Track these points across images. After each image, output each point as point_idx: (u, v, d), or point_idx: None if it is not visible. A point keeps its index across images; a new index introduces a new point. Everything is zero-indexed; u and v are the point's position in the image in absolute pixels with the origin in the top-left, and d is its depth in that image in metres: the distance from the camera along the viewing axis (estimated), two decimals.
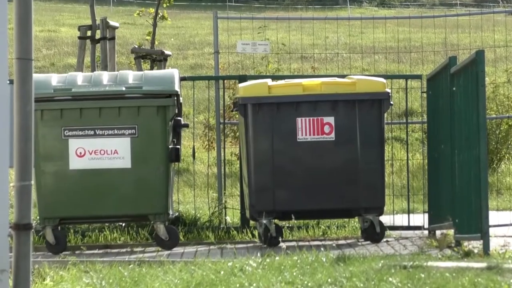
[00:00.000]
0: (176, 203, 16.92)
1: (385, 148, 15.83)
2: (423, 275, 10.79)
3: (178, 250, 14.45)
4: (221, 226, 16.41)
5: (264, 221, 14.84)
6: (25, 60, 7.73)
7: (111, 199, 14.56)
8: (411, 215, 16.91)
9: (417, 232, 16.12)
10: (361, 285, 10.14)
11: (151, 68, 18.74)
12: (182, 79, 16.31)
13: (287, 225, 15.60)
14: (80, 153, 14.52)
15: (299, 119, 15.00)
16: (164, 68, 18.49)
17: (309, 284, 10.25)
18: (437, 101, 16.45)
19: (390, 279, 10.50)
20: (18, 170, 7.66)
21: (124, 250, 14.83)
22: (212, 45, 19.89)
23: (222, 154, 18.15)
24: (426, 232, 16.02)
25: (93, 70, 18.61)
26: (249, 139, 15.19)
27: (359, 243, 14.81)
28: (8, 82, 7.53)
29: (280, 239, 14.83)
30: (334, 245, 14.49)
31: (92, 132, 14.54)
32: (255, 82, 15.83)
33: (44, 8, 48.84)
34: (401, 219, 16.75)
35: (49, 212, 14.45)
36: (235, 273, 10.97)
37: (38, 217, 14.34)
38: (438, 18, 26.16)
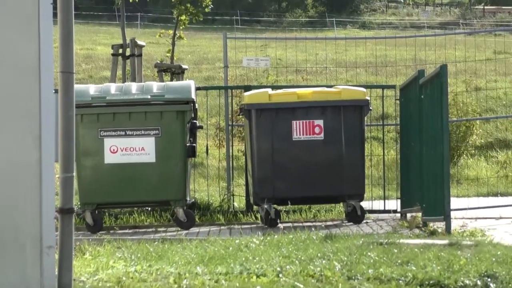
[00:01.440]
0: (193, 191, 16.91)
1: (365, 145, 15.82)
2: (396, 250, 10.78)
3: (194, 230, 14.44)
4: (230, 210, 16.39)
5: (265, 206, 14.84)
6: (67, 73, 7.74)
7: (139, 188, 14.56)
8: (386, 201, 16.91)
9: (391, 215, 16.11)
10: (345, 258, 10.13)
11: (171, 80, 18.71)
12: (197, 88, 16.31)
13: (284, 209, 15.59)
14: (113, 150, 14.53)
15: (294, 122, 15.00)
16: (182, 79, 18.46)
17: (302, 258, 10.24)
18: (408, 107, 16.46)
19: (369, 253, 10.49)
20: (62, 164, 7.67)
21: (149, 230, 14.82)
22: (222, 60, 19.86)
23: (230, 151, 18.15)
24: (398, 215, 16.01)
25: (123, 81, 18.60)
26: (253, 139, 15.20)
27: (344, 224, 14.80)
28: (54, 91, 7.53)
29: (278, 221, 14.85)
30: (323, 226, 14.49)
31: (123, 133, 14.54)
32: (257, 91, 15.83)
33: (83, 29, 48.78)
34: (378, 204, 16.74)
35: (88, 199, 14.45)
36: (241, 249, 10.97)
37: (79, 203, 14.33)
38: (409, 38, 26.12)
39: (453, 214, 13.43)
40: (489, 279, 9.32)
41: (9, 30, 7.41)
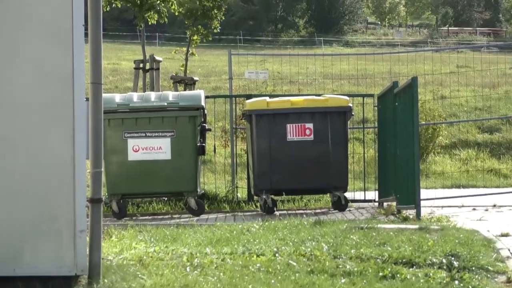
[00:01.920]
0: (202, 184, 16.89)
1: (348, 145, 15.78)
2: (374, 234, 10.77)
3: (203, 217, 14.42)
4: (234, 200, 16.36)
5: (264, 196, 14.81)
6: (97, 84, 7.73)
7: (157, 181, 14.54)
8: (366, 192, 16.88)
9: (370, 204, 16.08)
10: (331, 240, 10.12)
11: (185, 90, 18.71)
12: (206, 97, 16.27)
13: (280, 199, 15.56)
14: (136, 149, 14.51)
15: (288, 125, 14.97)
16: (194, 89, 18.46)
17: (295, 240, 10.23)
18: (384, 112, 16.44)
19: (352, 236, 10.48)
20: (92, 161, 7.67)
21: (166, 216, 14.80)
22: (227, 73, 19.84)
23: (234, 150, 18.13)
24: (376, 204, 15.98)
25: (144, 91, 18.59)
26: (253, 139, 15.17)
27: (330, 212, 14.77)
28: (85, 99, 7.53)
29: (275, 209, 14.82)
30: (312, 213, 14.47)
31: (144, 134, 14.52)
32: (257, 99, 15.80)
33: (110, 47, 48.75)
34: (359, 195, 16.70)
35: (114, 190, 14.43)
36: (243, 233, 10.96)
37: (106, 194, 14.31)
38: (385, 54, 26.13)
39: (422, 203, 13.41)
40: (452, 258, 9.32)
41: (49, 48, 7.40)
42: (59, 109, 7.37)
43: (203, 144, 14.78)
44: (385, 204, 15.20)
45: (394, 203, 14.34)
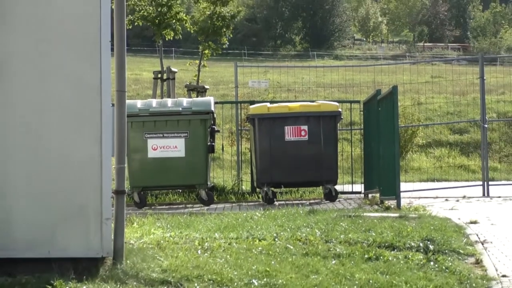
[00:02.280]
0: (212, 178, 16.86)
1: (338, 144, 15.78)
2: (360, 221, 10.75)
3: (213, 206, 14.41)
4: (239, 191, 16.35)
5: (265, 189, 14.79)
6: (121, 91, 7.71)
7: (173, 175, 14.52)
8: (353, 185, 16.87)
9: (357, 195, 16.07)
10: (323, 227, 10.10)
11: (197, 96, 18.70)
12: (216, 103, 16.26)
13: (279, 191, 15.55)
14: (154, 147, 14.49)
15: (286, 127, 14.95)
16: (205, 96, 18.44)
17: (292, 226, 10.21)
18: (369, 116, 16.41)
19: (341, 223, 10.46)
20: (116, 158, 7.65)
21: (180, 206, 14.79)
22: (234, 82, 19.83)
23: (240, 148, 18.18)
24: (362, 195, 15.96)
25: (162, 97, 18.58)
26: (256, 139, 15.16)
27: (322, 202, 14.75)
28: (111, 105, 7.51)
29: (274, 200, 14.79)
30: (307, 203, 14.44)
31: (161, 135, 14.51)
32: (259, 105, 15.78)
33: (132, 60, 48.82)
34: (347, 187, 16.70)
35: (136, 183, 14.41)
36: (247, 220, 10.94)
37: (129, 186, 14.30)
38: (369, 66, 26.13)
39: (402, 194, 13.40)
40: (428, 242, 9.30)
41: (80, 62, 7.39)
42: (89, 113, 7.36)
43: (213, 144, 14.78)
44: (370, 195, 15.19)
45: (378, 195, 14.33)
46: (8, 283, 6.59)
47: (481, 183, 17.13)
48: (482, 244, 9.93)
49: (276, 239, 9.27)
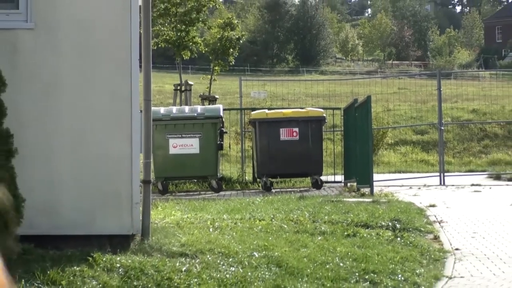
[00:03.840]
0: (221, 170, 16.86)
1: (323, 143, 15.77)
2: (341, 205, 10.77)
3: (222, 193, 14.40)
4: (243, 181, 16.32)
5: (264, 179, 14.77)
6: (147, 100, 7.72)
7: (189, 168, 14.51)
8: (335, 176, 16.84)
9: (338, 184, 16.04)
10: (311, 210, 10.11)
11: (209, 104, 18.71)
12: (224, 109, 16.24)
13: (275, 181, 15.52)
14: (174, 145, 14.48)
15: (281, 129, 14.93)
16: (215, 104, 18.45)
17: (286, 209, 10.22)
18: (348, 120, 16.42)
19: (325, 207, 10.47)
20: (144, 154, 7.66)
21: (195, 193, 14.78)
22: (238, 93, 19.83)
23: (243, 146, 18.16)
24: (342, 184, 15.93)
25: (180, 105, 18.60)
26: (257, 139, 15.15)
27: (310, 190, 14.72)
28: (139, 111, 7.53)
29: (271, 188, 14.79)
30: (298, 191, 14.45)
31: (180, 135, 14.49)
32: (259, 111, 15.77)
33: (156, 75, 48.63)
34: (331, 178, 16.66)
35: (159, 174, 14.40)
36: (250, 204, 10.95)
37: (154, 177, 14.31)
38: (348, 80, 26.13)
39: (374, 183, 13.42)
40: (396, 222, 9.32)
41: (114, 77, 7.41)
42: (122, 119, 7.37)
43: (222, 142, 14.79)
44: (348, 184, 15.18)
45: (355, 184, 14.32)
46: (57, 255, 6.61)
47: (438, 174, 17.13)
48: (439, 223, 9.96)
49: (273, 220, 9.28)
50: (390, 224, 9.22)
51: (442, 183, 16.46)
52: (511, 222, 10.12)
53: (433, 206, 11.51)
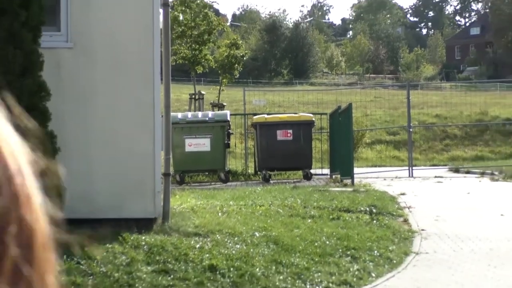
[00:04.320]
0: (228, 165, 16.85)
1: (312, 142, 15.77)
2: (327, 193, 10.77)
3: (229, 184, 14.40)
4: (246, 173, 16.32)
5: (264, 172, 14.77)
6: (167, 107, 7.73)
7: (202, 163, 14.50)
8: (322, 169, 16.84)
9: (325, 176, 16.05)
10: (302, 197, 10.10)
11: (218, 110, 18.71)
12: (231, 115, 16.22)
13: (273, 174, 15.53)
14: (190, 144, 14.47)
15: (278, 131, 14.91)
16: (223, 110, 18.44)
17: (282, 197, 10.22)
18: (333, 123, 16.42)
19: (314, 195, 10.47)
20: (164, 151, 7.66)
21: (207, 183, 14.78)
22: (243, 101, 19.83)
23: (247, 145, 18.16)
24: (328, 176, 15.94)
25: (194, 111, 18.59)
26: (258, 139, 15.15)
27: (302, 181, 14.70)
28: (161, 116, 7.53)
29: (270, 179, 14.79)
30: (291, 182, 14.44)
31: (194, 136, 14.48)
32: (260, 116, 15.78)
33: (174, 86, 48.59)
34: (319, 171, 16.66)
35: (177, 168, 14.38)
36: (252, 193, 10.95)
37: (173, 170, 14.32)
38: (333, 90, 26.09)
39: (355, 175, 13.41)
40: (372, 207, 9.32)
41: (140, 87, 7.41)
42: (146, 122, 7.37)
43: (228, 142, 14.79)
44: (333, 176, 15.19)
45: (339, 176, 14.33)
46: (92, 235, 6.60)
47: (407, 168, 17.14)
48: (408, 208, 9.96)
49: (271, 206, 9.28)
50: (367, 209, 9.22)
51: (410, 175, 16.46)
52: (468, 208, 10.12)
53: (403, 194, 11.51)
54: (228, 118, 14.89)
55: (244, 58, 24.78)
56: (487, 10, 78.22)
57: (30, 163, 0.58)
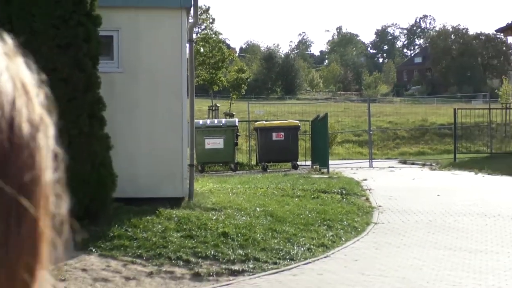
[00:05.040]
0: (237, 158, 16.77)
1: (299, 142, 15.70)
2: (309, 179, 10.72)
3: (237, 172, 14.36)
4: (250, 164, 16.22)
5: (263, 163, 14.71)
6: (192, 115, 7.70)
7: (217, 156, 14.43)
8: (306, 161, 16.69)
9: (308, 167, 15.93)
10: (291, 182, 10.05)
11: (229, 118, 18.67)
12: (238, 121, 16.17)
13: (270, 164, 15.47)
14: (208, 143, 14.41)
15: (273, 133, 14.86)
16: (233, 118, 18.39)
17: (276, 182, 10.17)
18: (314, 128, 16.36)
19: (300, 180, 10.44)
20: (190, 148, 7.64)
21: (221, 172, 14.74)
22: (247, 111, 19.75)
23: (250, 143, 18.06)
24: (310, 166, 15.87)
25: (211, 119, 18.52)
26: (258, 139, 15.09)
27: (291, 170, 14.64)
28: (187, 122, 7.50)
29: (267, 169, 14.72)
30: (283, 171, 14.39)
31: (212, 137, 14.43)
32: (260, 122, 15.75)
33: (197, 100, 48.68)
34: (304, 163, 16.54)
35: (199, 160, 14.17)
36: (254, 179, 10.91)
37: (196, 162, 14.23)
38: (314, 103, 25.94)
39: (330, 166, 13.36)
40: (343, 189, 9.27)
41: (172, 100, 7.39)
42: (176, 127, 7.35)
43: (237, 141, 14.72)
44: (314, 166, 15.13)
45: (318, 166, 14.28)
46: (136, 210, 6.59)
47: (368, 160, 17.09)
48: (369, 190, 9.92)
49: (268, 188, 9.25)
50: (339, 190, 9.19)
51: (370, 166, 16.40)
52: (413, 190, 10.09)
53: (365, 180, 11.47)
54: (237, 124, 14.84)
55: (248, 80, 24.79)
56: (427, 44, 78.23)
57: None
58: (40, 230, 0.39)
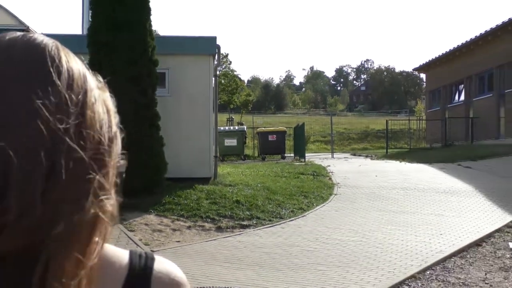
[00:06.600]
0: (245, 152, 16.64)
1: (285, 141, 15.55)
2: (293, 166, 10.60)
3: (246, 162, 14.26)
4: (254, 156, 16.13)
5: (262, 155, 14.64)
6: (216, 124, 7.63)
7: (233, 151, 14.37)
8: (291, 154, 16.56)
9: (292, 158, 15.80)
10: (280, 168, 9.96)
11: (240, 125, 18.53)
12: (246, 128, 16.08)
13: (267, 156, 15.32)
14: (227, 142, 14.34)
15: (269, 135, 14.81)
16: (243, 126, 18.28)
17: (270, 167, 10.12)
18: (295, 132, 16.16)
19: (287, 166, 10.36)
20: (215, 145, 7.58)
21: (235, 161, 14.62)
22: (252, 121, 19.62)
23: (253, 142, 17.92)
24: (293, 158, 15.70)
25: (228, 126, 18.37)
26: (259, 139, 15.02)
27: (280, 160, 14.53)
28: (213, 128, 7.46)
29: (265, 159, 14.62)
30: (275, 160, 14.27)
31: (229, 138, 14.37)
32: (260, 128, 15.68)
33: (219, 114, 47.48)
34: (289, 155, 16.27)
35: (221, 153, 14.11)
36: (256, 166, 10.85)
37: (219, 154, 14.12)
38: (295, 116, 25.68)
39: (306, 157, 13.22)
40: (314, 172, 9.21)
41: (203, 113, 7.35)
42: (206, 131, 7.31)
43: (245, 141, 14.63)
44: (295, 157, 14.99)
45: (298, 157, 14.17)
46: (180, 186, 6.58)
47: (330, 153, 16.96)
48: (331, 173, 9.82)
49: (265, 171, 9.20)
50: (312, 173, 9.13)
51: (332, 157, 16.27)
52: (360, 172, 10.00)
53: (328, 166, 11.35)
54: (245, 129, 14.76)
55: (253, 101, 24.63)
56: (369, 78, 77.94)
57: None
58: (114, 201, 0.40)
